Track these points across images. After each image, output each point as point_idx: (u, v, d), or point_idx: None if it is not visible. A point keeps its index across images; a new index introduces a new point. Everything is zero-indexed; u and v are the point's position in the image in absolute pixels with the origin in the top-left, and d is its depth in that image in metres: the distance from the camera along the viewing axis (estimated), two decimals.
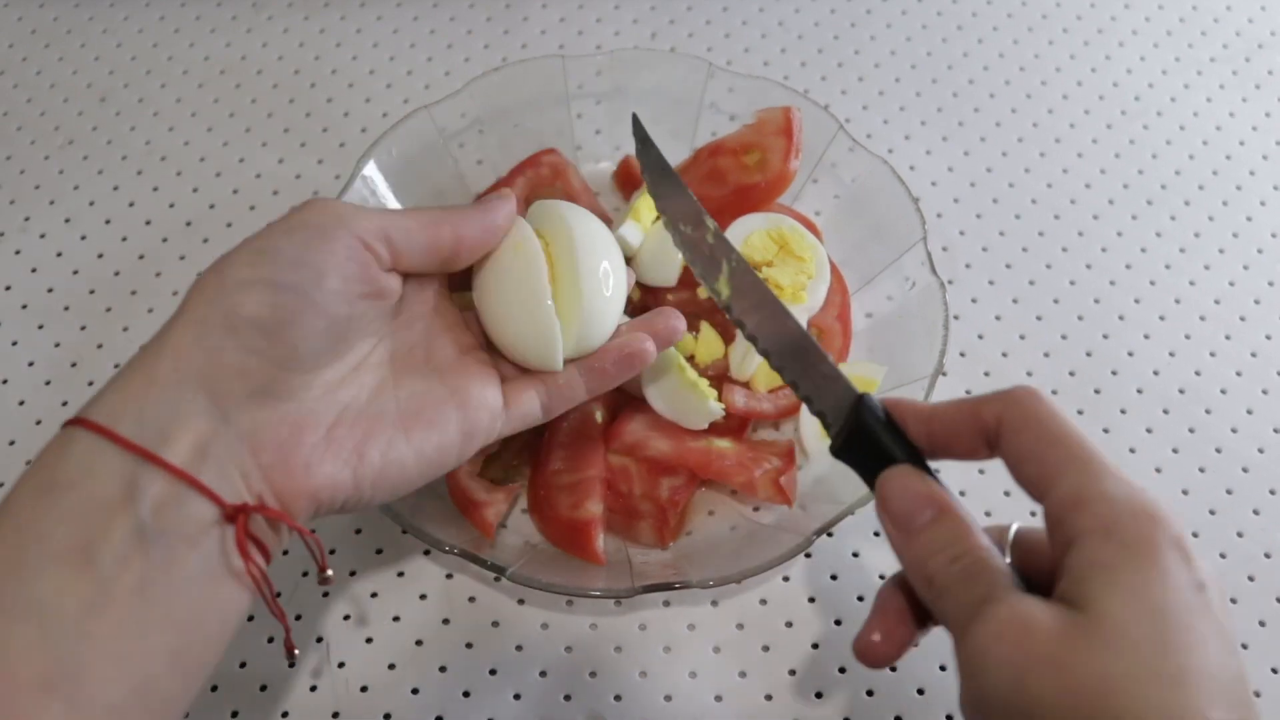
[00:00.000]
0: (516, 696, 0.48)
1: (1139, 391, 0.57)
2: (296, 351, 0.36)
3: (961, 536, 0.33)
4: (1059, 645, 0.29)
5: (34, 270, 0.61)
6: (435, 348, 0.42)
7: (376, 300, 0.39)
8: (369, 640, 0.49)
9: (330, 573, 0.38)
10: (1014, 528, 0.35)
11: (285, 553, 0.50)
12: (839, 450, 0.38)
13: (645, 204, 0.56)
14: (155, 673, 0.32)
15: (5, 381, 0.57)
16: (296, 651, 0.40)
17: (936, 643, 0.49)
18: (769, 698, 0.48)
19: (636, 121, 0.48)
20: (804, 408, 0.53)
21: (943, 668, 0.49)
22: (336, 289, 0.37)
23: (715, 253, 0.44)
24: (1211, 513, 0.53)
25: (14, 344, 0.58)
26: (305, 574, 0.51)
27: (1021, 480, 0.33)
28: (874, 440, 0.36)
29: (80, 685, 0.30)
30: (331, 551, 0.52)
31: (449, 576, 0.51)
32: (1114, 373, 0.58)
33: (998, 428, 0.34)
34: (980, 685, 0.30)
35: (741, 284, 0.43)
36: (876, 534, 0.52)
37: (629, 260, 0.57)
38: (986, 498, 0.54)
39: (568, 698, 0.48)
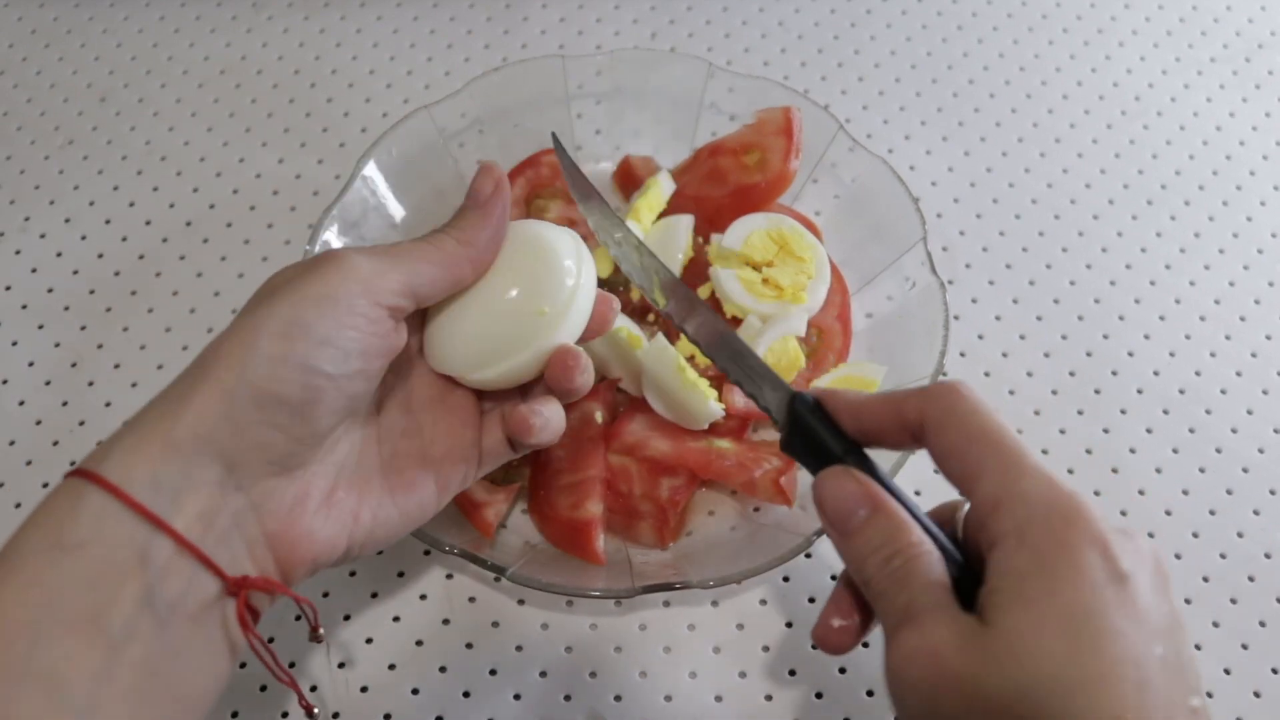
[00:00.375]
0: (516, 697, 0.48)
1: (1139, 392, 0.57)
2: (317, 429, 0.36)
3: (894, 535, 0.33)
4: (965, 664, 0.29)
5: (34, 270, 0.61)
6: (414, 390, 0.42)
7: (388, 358, 0.39)
8: (369, 640, 0.49)
9: (322, 632, 0.39)
10: (966, 506, 0.35)
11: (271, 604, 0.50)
12: (786, 446, 0.38)
13: (645, 204, 0.56)
14: None
15: (5, 382, 0.57)
16: (317, 710, 0.40)
17: None
18: (769, 698, 0.48)
19: (557, 140, 0.47)
20: None
21: None
22: (360, 368, 0.37)
23: (645, 265, 0.44)
24: (1211, 513, 0.53)
25: (14, 344, 0.58)
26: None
27: (948, 477, 0.34)
28: (812, 435, 0.37)
29: None
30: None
31: (449, 577, 0.51)
32: (1114, 373, 0.58)
33: (920, 424, 0.34)
34: (899, 704, 0.31)
35: (672, 293, 0.43)
36: None
37: None
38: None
39: (568, 698, 0.48)
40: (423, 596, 0.51)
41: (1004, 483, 0.31)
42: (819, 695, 0.48)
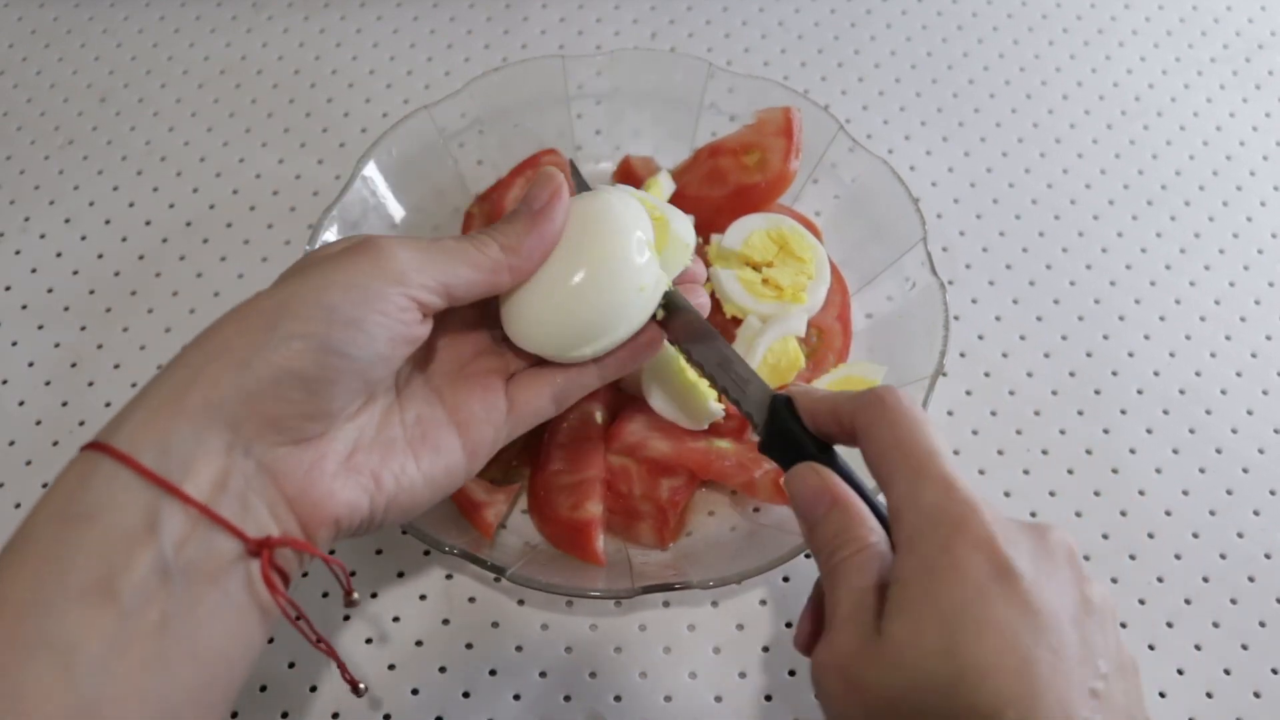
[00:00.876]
0: (516, 697, 0.48)
1: (1139, 392, 0.57)
2: (330, 407, 0.36)
3: (846, 527, 0.35)
4: (863, 671, 0.32)
5: (34, 270, 0.61)
6: (437, 361, 0.43)
7: (411, 348, 0.39)
8: (369, 641, 0.49)
9: (355, 596, 0.39)
10: None
11: (305, 574, 0.51)
12: (765, 447, 0.40)
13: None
14: (178, 710, 0.32)
15: (5, 382, 0.57)
16: (363, 685, 0.40)
17: None
18: (769, 698, 0.48)
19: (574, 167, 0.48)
20: None
21: None
22: (383, 353, 0.37)
23: None
24: (1211, 513, 0.53)
25: (14, 344, 0.58)
26: (305, 574, 0.51)
27: (875, 480, 0.36)
28: (788, 434, 0.38)
29: None
30: (331, 552, 0.52)
31: (449, 577, 0.51)
32: (1114, 373, 0.58)
33: (853, 428, 0.36)
34: (823, 706, 0.34)
35: (669, 300, 0.43)
36: None
37: None
38: (987, 497, 0.54)
39: (568, 698, 0.48)
40: (422, 597, 0.51)
41: (906, 492, 0.34)
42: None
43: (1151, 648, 0.50)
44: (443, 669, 0.49)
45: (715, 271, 0.55)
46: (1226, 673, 0.49)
